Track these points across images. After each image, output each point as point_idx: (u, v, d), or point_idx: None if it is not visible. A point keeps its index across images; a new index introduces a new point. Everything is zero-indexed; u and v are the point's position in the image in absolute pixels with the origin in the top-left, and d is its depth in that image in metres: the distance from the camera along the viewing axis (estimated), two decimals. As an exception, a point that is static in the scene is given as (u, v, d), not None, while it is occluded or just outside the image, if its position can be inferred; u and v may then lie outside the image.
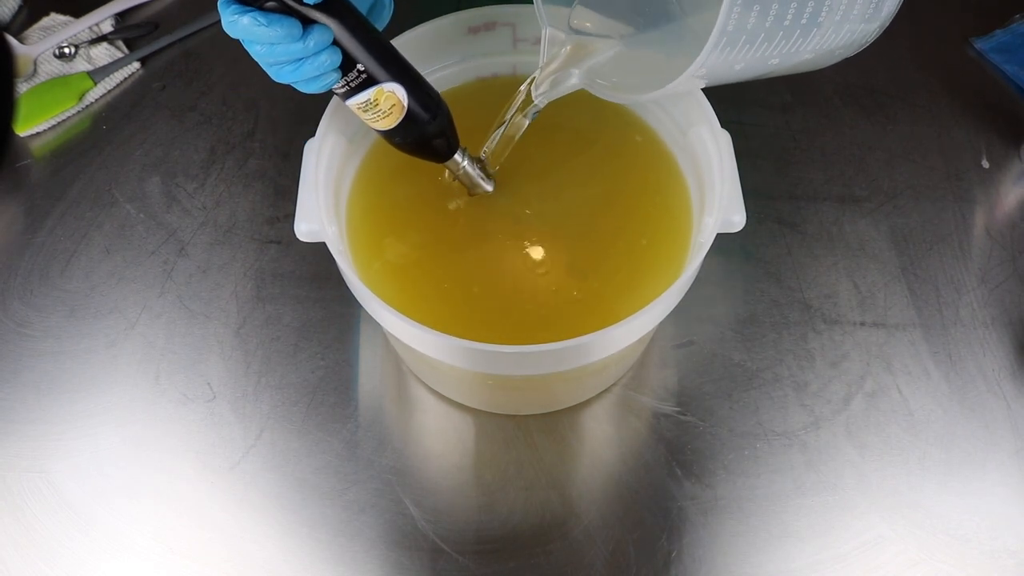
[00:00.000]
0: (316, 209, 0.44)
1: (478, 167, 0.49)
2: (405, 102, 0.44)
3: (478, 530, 0.50)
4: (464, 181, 0.50)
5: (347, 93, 0.42)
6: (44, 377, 0.56)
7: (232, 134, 0.67)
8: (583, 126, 0.54)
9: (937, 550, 0.50)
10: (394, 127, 0.45)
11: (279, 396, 0.55)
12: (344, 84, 0.42)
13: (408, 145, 0.46)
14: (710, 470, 0.52)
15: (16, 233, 0.62)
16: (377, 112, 0.44)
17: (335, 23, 0.40)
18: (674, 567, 0.49)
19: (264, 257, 0.60)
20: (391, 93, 0.43)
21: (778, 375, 0.56)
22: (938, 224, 0.62)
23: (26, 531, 0.51)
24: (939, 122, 0.67)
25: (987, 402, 0.55)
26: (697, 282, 0.46)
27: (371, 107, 0.43)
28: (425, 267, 0.49)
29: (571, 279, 0.48)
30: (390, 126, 0.45)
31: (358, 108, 0.43)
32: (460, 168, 0.49)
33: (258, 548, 0.50)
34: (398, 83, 0.43)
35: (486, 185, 0.50)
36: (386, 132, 0.45)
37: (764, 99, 0.68)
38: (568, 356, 0.41)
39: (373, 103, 0.43)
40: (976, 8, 0.73)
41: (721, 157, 0.46)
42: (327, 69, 0.40)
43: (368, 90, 0.42)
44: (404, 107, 0.44)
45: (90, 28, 0.71)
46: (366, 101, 0.43)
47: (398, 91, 0.43)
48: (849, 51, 0.41)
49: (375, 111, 0.43)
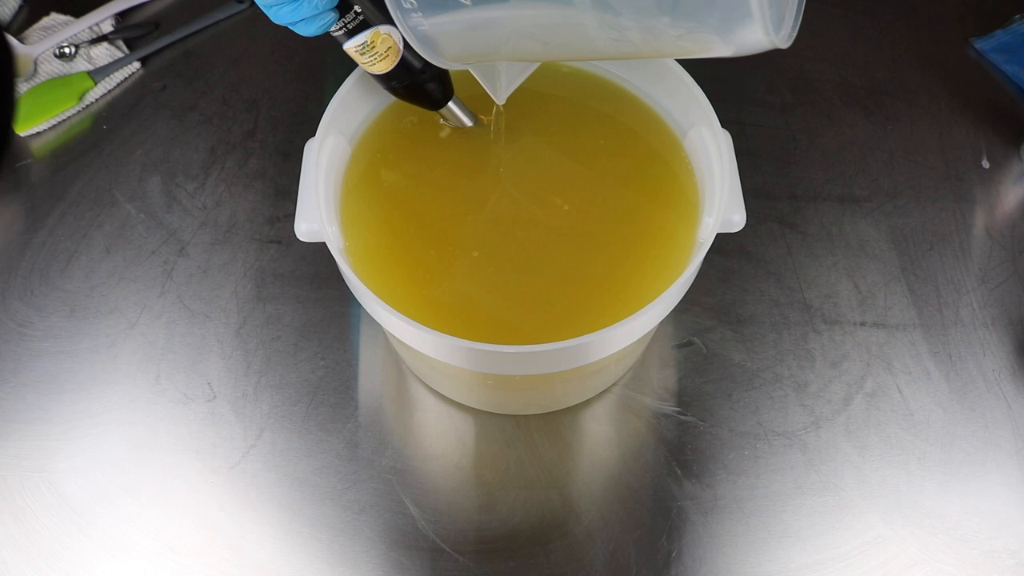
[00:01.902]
0: (316, 209, 0.44)
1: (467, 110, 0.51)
2: (400, 45, 0.44)
3: (478, 530, 0.50)
4: (453, 121, 0.51)
5: (344, 35, 0.43)
6: (44, 377, 0.56)
7: (232, 134, 0.67)
8: (583, 127, 0.54)
9: (937, 550, 0.50)
10: (390, 71, 0.45)
11: (279, 396, 0.55)
12: (341, 26, 0.42)
13: (404, 89, 0.47)
14: (710, 470, 0.52)
15: (16, 233, 0.62)
16: (374, 55, 0.44)
17: None
18: (674, 567, 0.49)
19: (264, 257, 0.60)
20: (387, 35, 0.44)
21: (778, 375, 0.56)
22: (938, 224, 0.62)
23: (26, 531, 0.51)
24: (939, 122, 0.67)
25: (987, 402, 0.55)
26: (697, 282, 0.46)
27: (368, 49, 0.44)
28: (424, 267, 0.49)
29: (571, 279, 0.48)
30: (386, 70, 0.45)
31: (355, 51, 0.44)
32: (452, 115, 0.50)
33: (258, 548, 0.50)
34: (394, 26, 0.43)
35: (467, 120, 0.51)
36: (382, 76, 0.46)
37: (764, 99, 0.68)
38: (568, 356, 0.41)
39: (370, 45, 0.43)
40: (976, 8, 0.73)
41: (721, 157, 0.46)
42: (324, 8, 0.40)
43: (365, 32, 0.43)
44: (399, 50, 0.44)
45: (90, 28, 0.71)
46: (363, 44, 0.43)
47: (394, 34, 0.44)
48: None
49: (372, 54, 0.44)
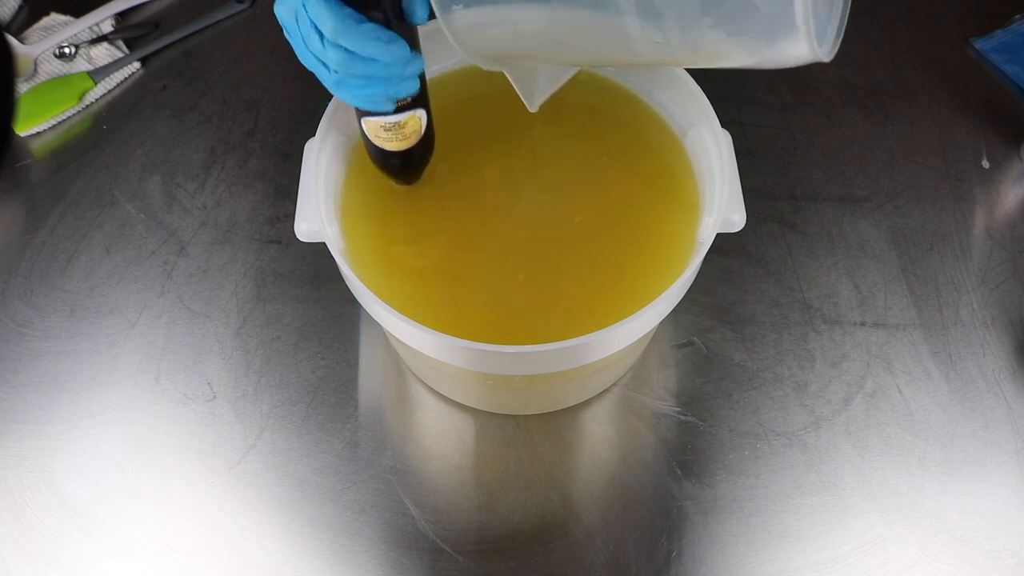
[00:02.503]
0: (316, 209, 0.44)
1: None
2: (423, 128, 0.44)
3: (478, 530, 0.50)
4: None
5: (386, 111, 0.42)
6: (44, 377, 0.56)
7: (232, 134, 0.67)
8: (584, 127, 0.54)
9: (937, 550, 0.50)
10: (403, 149, 0.45)
11: (279, 396, 0.55)
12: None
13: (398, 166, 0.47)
14: (710, 470, 0.52)
15: (16, 233, 0.62)
16: (399, 134, 0.43)
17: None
18: (674, 567, 0.49)
19: (264, 257, 0.60)
20: (420, 118, 0.43)
21: (778, 375, 0.56)
22: (938, 224, 0.62)
23: (27, 531, 0.51)
24: (939, 122, 0.67)
25: (987, 402, 0.55)
26: (697, 282, 0.46)
27: (396, 128, 0.43)
28: (425, 267, 0.49)
29: (571, 279, 0.48)
30: (400, 148, 0.45)
31: (383, 127, 0.43)
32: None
33: (258, 548, 0.50)
34: (425, 109, 0.43)
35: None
36: (391, 151, 0.45)
37: (764, 99, 0.68)
38: (568, 356, 0.41)
39: (401, 125, 0.43)
40: (976, 8, 0.73)
41: (721, 157, 0.46)
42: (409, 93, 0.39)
43: (404, 113, 0.42)
44: (421, 133, 0.44)
45: (90, 28, 0.71)
46: (396, 123, 0.43)
47: (424, 118, 0.44)
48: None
49: (398, 132, 0.43)
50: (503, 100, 0.48)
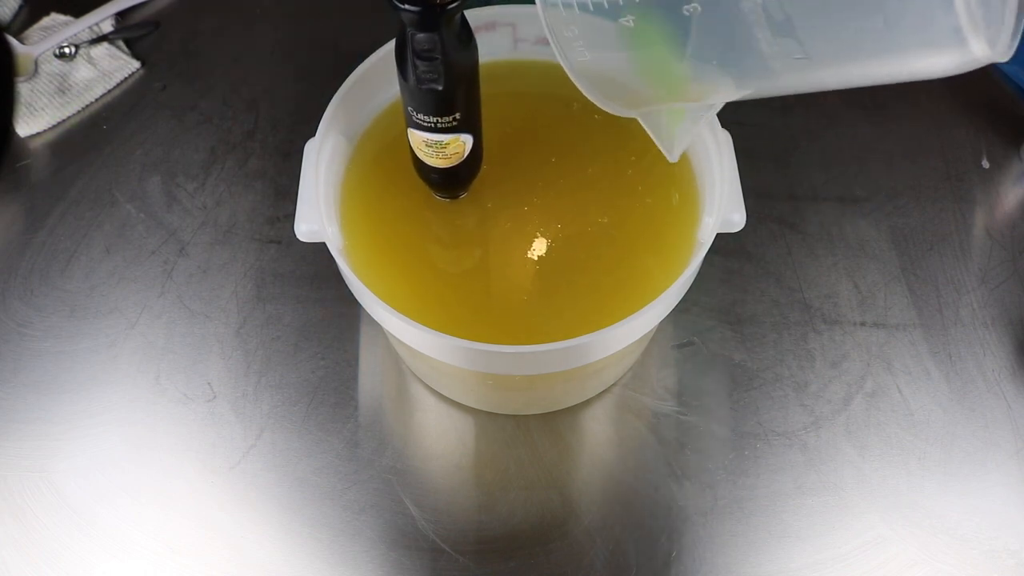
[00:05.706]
0: (316, 209, 0.44)
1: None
2: (466, 152, 0.44)
3: (478, 530, 0.50)
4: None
5: (428, 129, 0.42)
6: (44, 377, 0.56)
7: (232, 134, 0.67)
8: (583, 125, 0.54)
9: (937, 550, 0.50)
10: (445, 168, 0.45)
11: (279, 396, 0.55)
12: (433, 122, 0.41)
13: (437, 181, 0.47)
14: (710, 470, 0.52)
15: (16, 233, 0.62)
16: (440, 152, 0.43)
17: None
18: (674, 567, 0.49)
19: (264, 257, 0.60)
20: (463, 143, 0.43)
21: (778, 375, 0.56)
22: (938, 224, 0.62)
23: (26, 531, 0.51)
24: (939, 122, 0.67)
25: (987, 402, 0.55)
26: (697, 282, 0.46)
27: (437, 146, 0.43)
28: (425, 267, 0.49)
29: (571, 278, 0.48)
30: (443, 166, 0.45)
31: (425, 142, 0.43)
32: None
33: (258, 548, 0.50)
34: (472, 135, 0.43)
35: None
36: (433, 167, 0.45)
37: (764, 99, 0.68)
38: (568, 356, 0.41)
39: (443, 145, 0.43)
40: (976, 8, 0.73)
41: (721, 157, 0.46)
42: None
43: (447, 135, 0.42)
44: (463, 156, 0.44)
45: (90, 28, 0.71)
46: (438, 142, 0.43)
47: (469, 143, 0.43)
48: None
49: (439, 150, 0.43)
50: (503, 100, 0.48)
